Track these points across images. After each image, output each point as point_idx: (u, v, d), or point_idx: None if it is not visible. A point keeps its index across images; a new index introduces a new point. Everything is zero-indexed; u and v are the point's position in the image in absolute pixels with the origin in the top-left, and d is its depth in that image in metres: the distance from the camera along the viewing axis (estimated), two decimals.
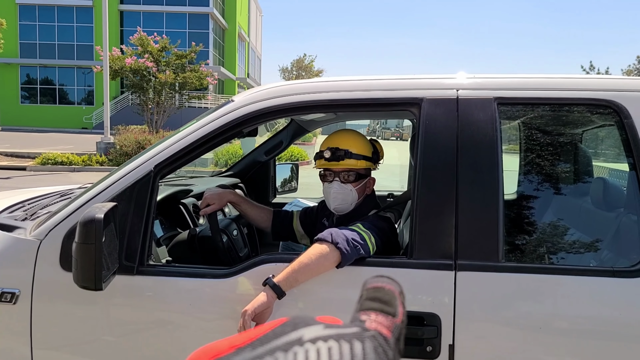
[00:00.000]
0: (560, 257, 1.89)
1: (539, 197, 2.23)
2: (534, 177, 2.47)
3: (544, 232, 2.02)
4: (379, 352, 0.33)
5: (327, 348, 0.32)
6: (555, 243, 1.95)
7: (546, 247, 1.91)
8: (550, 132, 2.17)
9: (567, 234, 2.06)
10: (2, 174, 12.57)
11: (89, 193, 1.79)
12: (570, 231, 2.07)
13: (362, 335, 0.34)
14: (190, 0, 35.16)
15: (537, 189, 2.32)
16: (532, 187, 2.44)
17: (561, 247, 1.93)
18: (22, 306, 1.72)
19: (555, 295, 1.61)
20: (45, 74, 35.39)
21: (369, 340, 0.33)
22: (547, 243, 1.93)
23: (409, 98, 1.76)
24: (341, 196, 2.00)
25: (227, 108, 1.83)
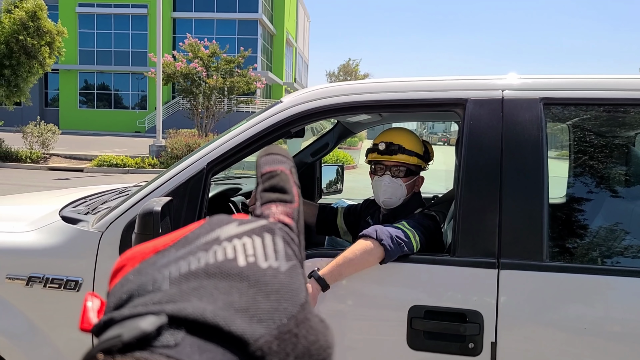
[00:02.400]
0: (608, 258, 1.87)
1: (587, 199, 2.20)
2: (583, 179, 2.43)
3: (592, 233, 2.00)
4: (287, 240, 0.37)
5: (242, 244, 0.35)
6: (604, 245, 1.92)
7: (594, 248, 1.89)
8: (600, 134, 2.14)
9: (617, 237, 2.03)
10: (61, 175, 13.20)
11: (146, 189, 1.90)
12: (621, 234, 2.04)
13: (271, 228, 0.37)
14: (240, 7, 35.89)
15: (586, 192, 2.29)
16: (581, 189, 2.40)
17: (610, 250, 1.90)
18: (84, 294, 1.84)
19: (601, 297, 1.60)
20: (102, 80, 36.89)
21: (277, 231, 0.37)
22: (595, 244, 1.91)
23: (454, 99, 1.78)
24: (391, 190, 2.05)
25: (276, 109, 1.90)
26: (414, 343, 1.62)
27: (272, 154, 0.45)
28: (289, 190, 0.41)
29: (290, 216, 0.40)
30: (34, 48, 15.16)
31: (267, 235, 0.36)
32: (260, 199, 0.41)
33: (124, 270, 0.36)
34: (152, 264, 0.35)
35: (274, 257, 0.35)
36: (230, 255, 0.34)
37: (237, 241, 0.35)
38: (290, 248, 0.37)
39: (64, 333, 1.88)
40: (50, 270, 1.86)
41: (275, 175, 0.42)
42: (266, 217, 0.39)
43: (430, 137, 38.32)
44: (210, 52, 20.47)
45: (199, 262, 0.33)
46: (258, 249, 0.35)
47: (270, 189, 0.41)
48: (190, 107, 21.14)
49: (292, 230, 0.39)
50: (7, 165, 14.31)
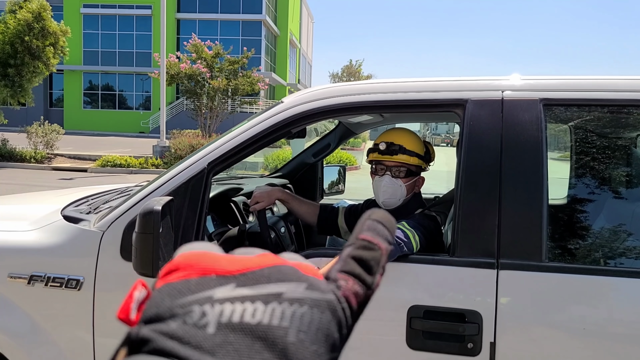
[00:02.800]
0: (608, 259, 1.87)
1: (588, 200, 2.20)
2: (584, 180, 2.43)
3: (592, 234, 2.00)
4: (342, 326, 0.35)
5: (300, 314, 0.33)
6: (604, 246, 1.92)
7: (594, 249, 1.89)
8: (601, 135, 2.14)
9: (617, 238, 2.03)
10: (65, 175, 13.25)
11: (147, 188, 1.91)
12: (621, 235, 2.04)
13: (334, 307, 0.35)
14: (243, 8, 35.95)
15: (586, 193, 2.29)
16: (582, 190, 2.40)
17: (610, 251, 1.90)
18: (86, 293, 1.85)
19: (601, 298, 1.60)
20: (106, 80, 37.02)
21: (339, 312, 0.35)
22: (595, 245, 1.91)
23: (454, 99, 1.79)
24: (391, 190, 2.05)
25: (277, 109, 1.91)
26: (413, 343, 1.62)
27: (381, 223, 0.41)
28: (374, 274, 0.38)
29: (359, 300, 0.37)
30: (38, 49, 15.23)
31: (328, 313, 0.34)
32: (343, 264, 0.38)
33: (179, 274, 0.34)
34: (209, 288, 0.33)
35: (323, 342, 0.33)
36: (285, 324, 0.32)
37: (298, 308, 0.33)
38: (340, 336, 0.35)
39: (66, 332, 1.89)
40: (51, 269, 1.87)
41: (371, 249, 0.39)
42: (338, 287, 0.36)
43: (434, 139, 38.26)
44: (214, 53, 20.52)
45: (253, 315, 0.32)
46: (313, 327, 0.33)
47: (359, 260, 0.38)
48: (194, 108, 21.20)
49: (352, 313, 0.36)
50: (12, 165, 14.37)
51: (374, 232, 0.40)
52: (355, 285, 0.37)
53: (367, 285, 0.38)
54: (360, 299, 0.37)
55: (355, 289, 0.37)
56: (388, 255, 0.39)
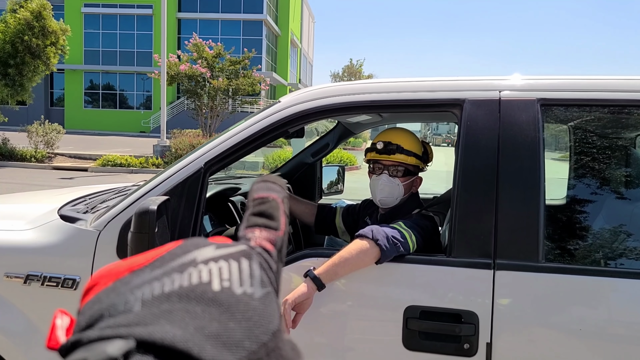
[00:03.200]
0: (605, 260, 1.86)
1: (587, 200, 2.19)
2: (583, 181, 2.43)
3: (589, 235, 1.99)
4: (265, 267, 0.37)
5: (217, 268, 0.35)
6: (601, 247, 1.91)
7: (591, 250, 1.88)
8: (599, 136, 2.13)
9: (615, 238, 2.02)
10: (65, 174, 13.26)
11: (144, 188, 1.91)
12: (619, 236, 2.03)
13: (249, 253, 0.37)
14: (244, 8, 35.96)
15: (585, 193, 2.28)
16: (581, 191, 2.39)
17: (607, 251, 1.89)
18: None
19: (597, 298, 1.59)
20: (107, 80, 37.04)
21: (255, 256, 0.37)
22: (592, 246, 1.90)
23: (451, 99, 1.78)
24: (388, 189, 2.05)
25: (274, 108, 1.91)
26: (410, 343, 1.62)
27: (268, 181, 0.46)
28: (276, 218, 0.42)
29: (273, 242, 0.41)
30: (39, 48, 15.23)
31: (244, 260, 0.36)
32: (246, 222, 0.42)
33: (95, 289, 0.36)
34: (125, 284, 0.34)
35: (249, 282, 0.34)
36: (205, 279, 0.34)
37: (213, 264, 0.35)
38: (267, 275, 0.37)
39: None
40: (48, 268, 1.86)
41: (266, 202, 0.43)
42: (248, 240, 0.40)
43: (434, 139, 38.27)
44: (215, 52, 20.51)
45: (172, 284, 0.33)
46: (234, 274, 0.35)
47: (258, 214, 0.43)
48: (195, 108, 21.19)
49: (271, 256, 0.39)
50: (12, 165, 14.38)
51: (264, 190, 0.45)
52: (263, 232, 0.41)
53: (273, 228, 0.42)
54: (272, 241, 0.41)
55: (264, 234, 0.41)
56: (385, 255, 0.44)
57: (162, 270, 0.35)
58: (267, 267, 0.38)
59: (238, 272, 0.35)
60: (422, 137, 17.00)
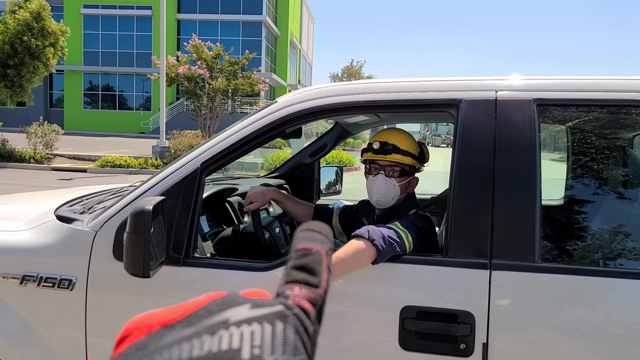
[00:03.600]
0: (602, 260, 1.86)
1: (584, 201, 2.19)
2: (580, 181, 2.43)
3: (587, 235, 1.99)
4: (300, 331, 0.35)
5: (250, 332, 0.33)
6: (598, 247, 1.91)
7: (588, 250, 1.88)
8: (597, 136, 2.13)
9: (612, 238, 2.02)
10: (64, 175, 13.25)
11: (140, 188, 1.91)
12: (617, 236, 2.03)
13: (285, 315, 0.36)
14: (244, 9, 35.98)
15: (582, 194, 2.28)
16: (578, 191, 2.39)
17: (604, 251, 1.89)
18: (78, 293, 1.84)
19: (594, 298, 1.59)
20: (106, 81, 37.05)
21: (291, 318, 0.36)
22: (590, 246, 1.90)
23: (447, 99, 1.78)
24: (384, 189, 2.05)
25: (271, 109, 1.90)
26: (406, 344, 1.62)
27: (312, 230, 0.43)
28: (318, 274, 0.40)
29: (312, 302, 0.38)
30: (38, 49, 15.23)
31: (279, 323, 0.35)
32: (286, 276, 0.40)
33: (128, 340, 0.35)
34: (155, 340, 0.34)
35: (281, 350, 0.33)
36: (235, 345, 0.33)
37: (246, 328, 0.34)
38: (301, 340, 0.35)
39: (58, 332, 1.89)
40: (44, 269, 1.86)
41: (309, 254, 0.41)
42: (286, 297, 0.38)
43: (434, 139, 38.27)
44: (214, 54, 20.52)
45: (202, 348, 0.32)
46: (266, 340, 0.33)
47: (300, 267, 0.40)
48: (194, 109, 21.19)
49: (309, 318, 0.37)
50: (11, 166, 14.38)
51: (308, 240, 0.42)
52: (303, 289, 0.39)
53: (314, 286, 0.39)
54: (312, 300, 0.38)
55: (304, 293, 0.38)
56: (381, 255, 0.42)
57: (193, 329, 0.34)
58: (302, 331, 0.36)
59: (271, 338, 0.34)
60: (421, 138, 17.05)
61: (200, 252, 2.00)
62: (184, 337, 0.34)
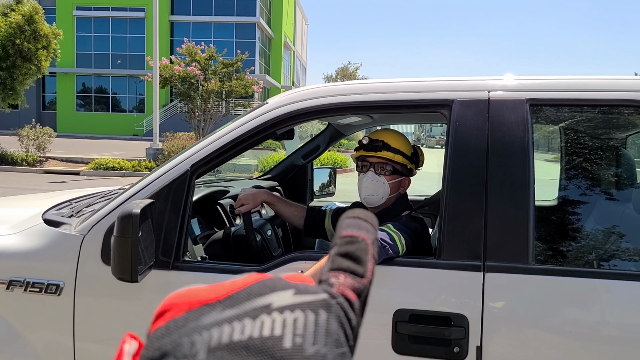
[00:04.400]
0: (597, 261, 1.84)
1: (578, 202, 2.18)
2: (574, 182, 2.42)
3: (580, 236, 1.98)
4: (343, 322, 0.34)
5: (292, 319, 0.33)
6: (593, 248, 1.90)
7: (582, 251, 1.87)
8: (589, 136, 2.12)
9: (606, 240, 2.01)
10: (57, 178, 13.16)
11: (129, 191, 1.88)
12: (610, 237, 2.02)
13: (329, 304, 0.34)
14: (237, 10, 35.93)
15: (576, 194, 2.27)
16: (572, 192, 2.38)
17: (598, 252, 1.88)
18: (66, 298, 1.81)
19: (588, 300, 1.57)
20: (99, 83, 36.89)
21: (335, 308, 0.34)
22: (584, 247, 1.89)
23: (440, 100, 1.76)
24: (373, 186, 2.02)
25: (262, 110, 1.88)
26: (399, 347, 1.59)
27: (359, 218, 0.42)
28: (364, 263, 0.39)
29: (357, 292, 0.37)
30: (30, 51, 15.15)
31: (323, 312, 0.34)
32: (331, 263, 0.39)
33: (166, 315, 0.35)
34: (196, 318, 0.33)
35: (323, 341, 0.32)
36: (277, 332, 0.32)
37: (289, 314, 0.33)
38: (344, 331, 0.34)
39: (45, 337, 1.86)
40: (31, 274, 1.83)
41: (355, 242, 0.39)
42: (330, 285, 0.37)
43: (428, 141, 38.29)
44: (207, 55, 20.46)
45: (242, 332, 0.32)
46: (309, 329, 0.32)
47: (345, 255, 0.39)
48: (188, 110, 21.12)
49: (353, 309, 0.36)
50: (3, 169, 14.27)
51: (354, 227, 0.40)
52: (348, 278, 0.37)
53: (359, 275, 0.38)
54: (357, 290, 0.37)
55: (349, 282, 0.37)
56: (375, 245, 0.40)
57: (234, 311, 0.33)
58: (346, 322, 0.35)
59: (314, 327, 0.33)
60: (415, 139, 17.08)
61: (190, 256, 1.97)
62: (225, 318, 0.33)
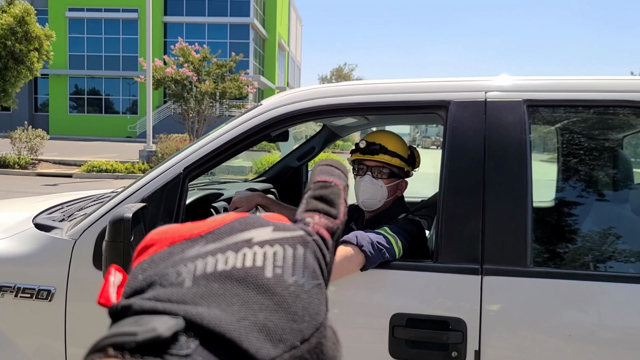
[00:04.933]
0: (594, 264, 1.83)
1: (575, 203, 2.17)
2: (571, 183, 2.41)
3: (578, 238, 1.96)
4: (319, 257, 0.36)
5: (272, 252, 0.34)
6: (590, 250, 1.89)
7: (580, 253, 1.85)
8: (587, 137, 2.11)
9: (603, 241, 1.99)
10: (49, 181, 13.07)
11: (121, 195, 1.85)
12: (608, 238, 2.00)
13: (306, 240, 0.36)
14: (231, 11, 35.87)
15: (573, 195, 2.26)
16: (569, 193, 2.37)
17: (597, 255, 1.86)
18: (57, 303, 1.78)
19: (588, 303, 1.56)
20: (92, 85, 36.70)
21: (311, 244, 0.36)
22: (581, 249, 1.87)
23: (437, 101, 1.74)
24: (370, 190, 2.00)
25: (256, 111, 1.86)
26: (396, 352, 1.57)
27: (331, 165, 0.44)
28: (337, 205, 0.41)
29: (331, 231, 0.39)
30: (22, 53, 15.06)
31: (300, 247, 0.36)
32: (306, 204, 0.41)
33: (150, 250, 0.36)
34: (180, 252, 0.34)
35: (301, 272, 0.34)
36: (258, 263, 0.33)
37: (269, 248, 0.35)
38: (319, 266, 0.36)
39: (37, 344, 1.82)
40: (21, 279, 1.80)
41: (328, 186, 0.42)
42: (306, 224, 0.39)
43: (424, 141, 38.34)
44: (201, 56, 20.41)
45: (226, 263, 0.33)
46: (288, 261, 0.34)
47: (319, 197, 0.41)
48: (182, 112, 21.05)
49: (327, 246, 0.38)
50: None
51: (326, 173, 0.43)
52: (322, 218, 0.39)
53: (333, 216, 0.40)
54: (330, 230, 0.39)
55: (323, 221, 0.39)
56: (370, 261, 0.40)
57: (217, 244, 0.35)
58: (321, 257, 0.37)
59: (292, 260, 0.34)
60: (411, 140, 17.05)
61: None
62: (208, 251, 0.34)
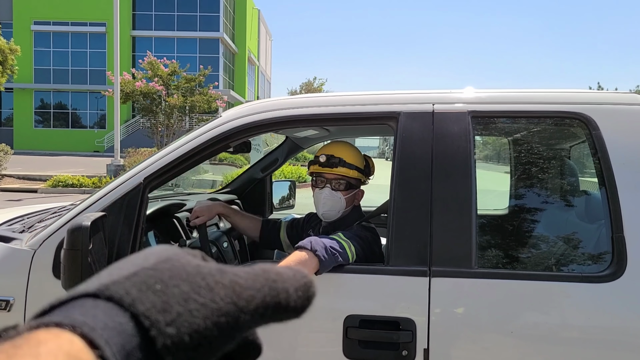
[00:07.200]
0: (535, 265, 1.93)
1: (526, 210, 2.28)
2: (521, 192, 2.52)
3: (525, 242, 2.07)
4: None
5: None
6: (534, 252, 1.99)
7: (523, 255, 1.95)
8: (532, 147, 2.22)
9: (548, 244, 2.10)
10: (13, 197, 12.76)
11: (81, 205, 1.87)
12: (552, 242, 2.11)
13: None
14: (200, 26, 35.82)
15: (523, 204, 2.37)
16: (520, 202, 2.48)
17: (539, 257, 1.97)
18: (16, 314, 1.78)
19: (528, 301, 1.65)
20: (58, 99, 36.03)
21: None
22: (525, 252, 1.98)
23: (387, 112, 1.83)
24: (330, 202, 2.07)
25: (215, 123, 1.91)
26: (350, 352, 1.63)
27: None
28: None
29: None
30: None
31: None
32: None
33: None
34: None
35: None
36: None
37: None
38: None
39: None
40: None
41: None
42: None
43: (392, 153, 38.68)
44: (170, 70, 20.31)
45: None
46: None
47: None
48: (150, 126, 20.87)
49: None
50: None
51: None
52: None
53: None
54: None
55: None
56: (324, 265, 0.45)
57: None
58: None
59: None
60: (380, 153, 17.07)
61: None
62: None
